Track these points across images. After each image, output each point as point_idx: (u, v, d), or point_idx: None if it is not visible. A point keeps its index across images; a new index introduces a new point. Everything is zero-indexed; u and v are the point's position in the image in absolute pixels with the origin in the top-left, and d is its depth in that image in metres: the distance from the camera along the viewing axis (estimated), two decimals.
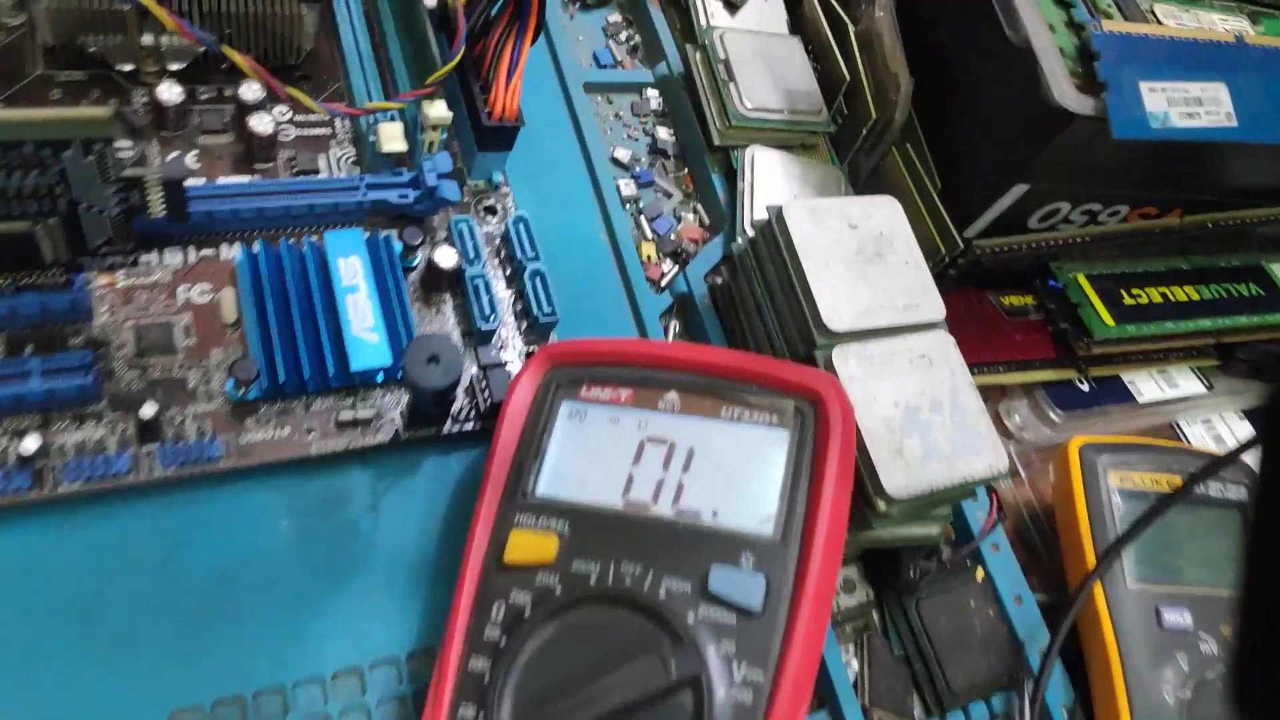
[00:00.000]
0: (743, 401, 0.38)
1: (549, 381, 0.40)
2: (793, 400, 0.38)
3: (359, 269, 0.41)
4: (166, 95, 0.42)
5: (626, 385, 0.40)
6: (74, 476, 0.36)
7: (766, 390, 0.38)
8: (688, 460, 0.37)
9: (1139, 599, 0.47)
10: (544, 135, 0.53)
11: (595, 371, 0.40)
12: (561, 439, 0.39)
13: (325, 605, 0.38)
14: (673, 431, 0.38)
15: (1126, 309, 0.56)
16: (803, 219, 0.44)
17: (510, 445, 0.39)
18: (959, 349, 0.43)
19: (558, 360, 0.41)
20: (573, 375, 0.40)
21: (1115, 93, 0.44)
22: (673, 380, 0.39)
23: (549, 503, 0.37)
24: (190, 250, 0.42)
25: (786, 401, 0.38)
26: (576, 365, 0.40)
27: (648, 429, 0.38)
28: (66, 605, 0.35)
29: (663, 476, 0.37)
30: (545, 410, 0.40)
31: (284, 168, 0.45)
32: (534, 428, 0.39)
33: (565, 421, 0.39)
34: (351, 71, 0.47)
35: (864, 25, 0.56)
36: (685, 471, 0.37)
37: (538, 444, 0.39)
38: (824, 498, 0.35)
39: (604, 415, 0.39)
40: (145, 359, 0.39)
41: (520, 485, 0.38)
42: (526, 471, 0.38)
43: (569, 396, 0.40)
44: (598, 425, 0.39)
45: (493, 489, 0.38)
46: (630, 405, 0.39)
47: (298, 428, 0.40)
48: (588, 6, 0.60)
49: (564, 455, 0.39)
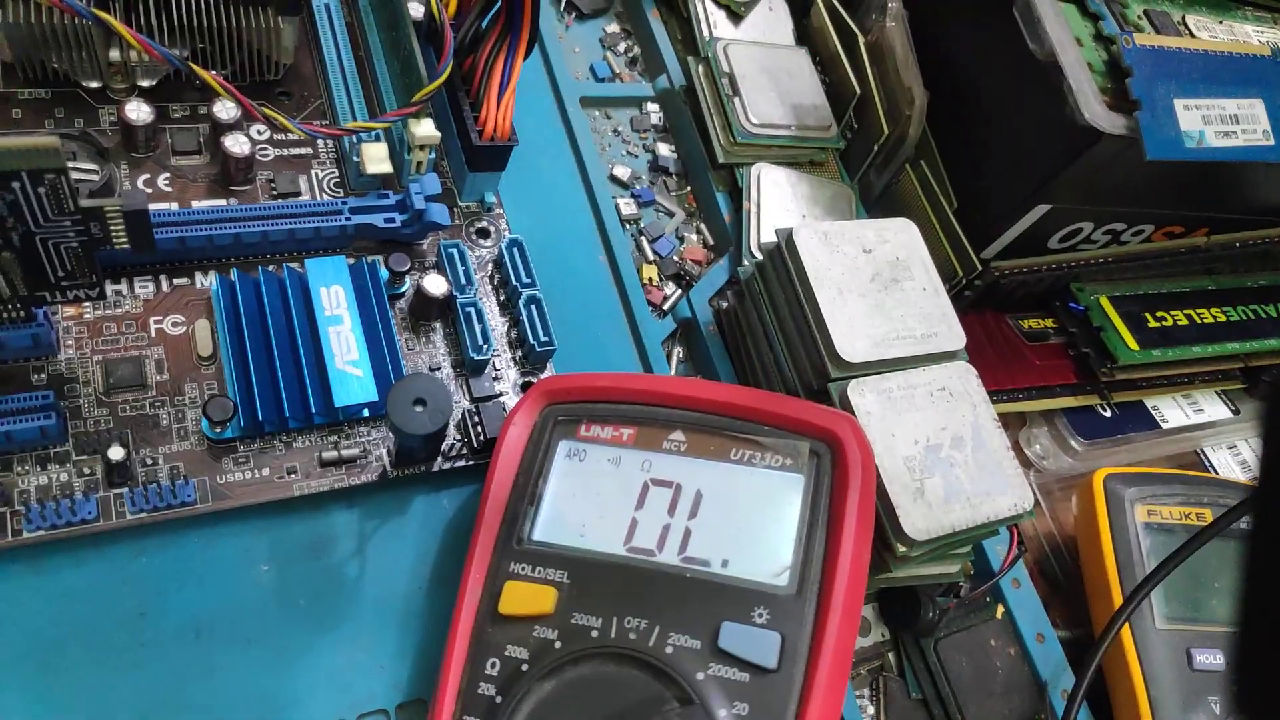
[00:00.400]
0: (754, 443, 0.36)
1: (545, 419, 0.38)
2: (808, 442, 0.35)
3: (342, 298, 0.39)
4: (135, 115, 0.40)
5: (629, 424, 0.37)
6: (38, 524, 0.34)
7: (780, 431, 0.36)
8: (695, 505, 0.35)
9: (1168, 639, 0.45)
10: (539, 152, 0.51)
11: (595, 409, 0.38)
12: (559, 481, 0.37)
13: (309, 656, 0.36)
14: (679, 474, 0.36)
15: (1151, 332, 0.53)
16: (814, 244, 0.41)
17: (504, 487, 0.37)
18: (980, 379, 0.41)
19: (555, 396, 0.38)
20: (571, 412, 0.38)
21: (1149, 111, 0.41)
22: (679, 419, 0.37)
23: (546, 550, 0.35)
24: (162, 280, 0.39)
25: (801, 443, 0.35)
26: (575, 402, 0.38)
27: (652, 471, 0.36)
28: (23, 658, 0.33)
29: (668, 522, 0.35)
30: (541, 450, 0.37)
31: (262, 190, 0.42)
32: (529, 469, 0.37)
33: (563, 462, 0.37)
34: (334, 87, 0.45)
35: (874, 36, 0.53)
36: (692, 518, 0.35)
37: (534, 487, 0.37)
38: (843, 548, 0.33)
39: (604, 456, 0.37)
40: (114, 396, 0.37)
41: (515, 531, 0.36)
42: (522, 516, 0.36)
43: (567, 435, 0.37)
44: (598, 466, 0.37)
45: (486, 534, 0.36)
46: (633, 446, 0.37)
47: (278, 468, 0.37)
48: (584, 16, 0.58)
49: (562, 499, 0.36)
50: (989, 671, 0.45)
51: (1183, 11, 0.48)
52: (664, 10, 0.58)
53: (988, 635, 0.46)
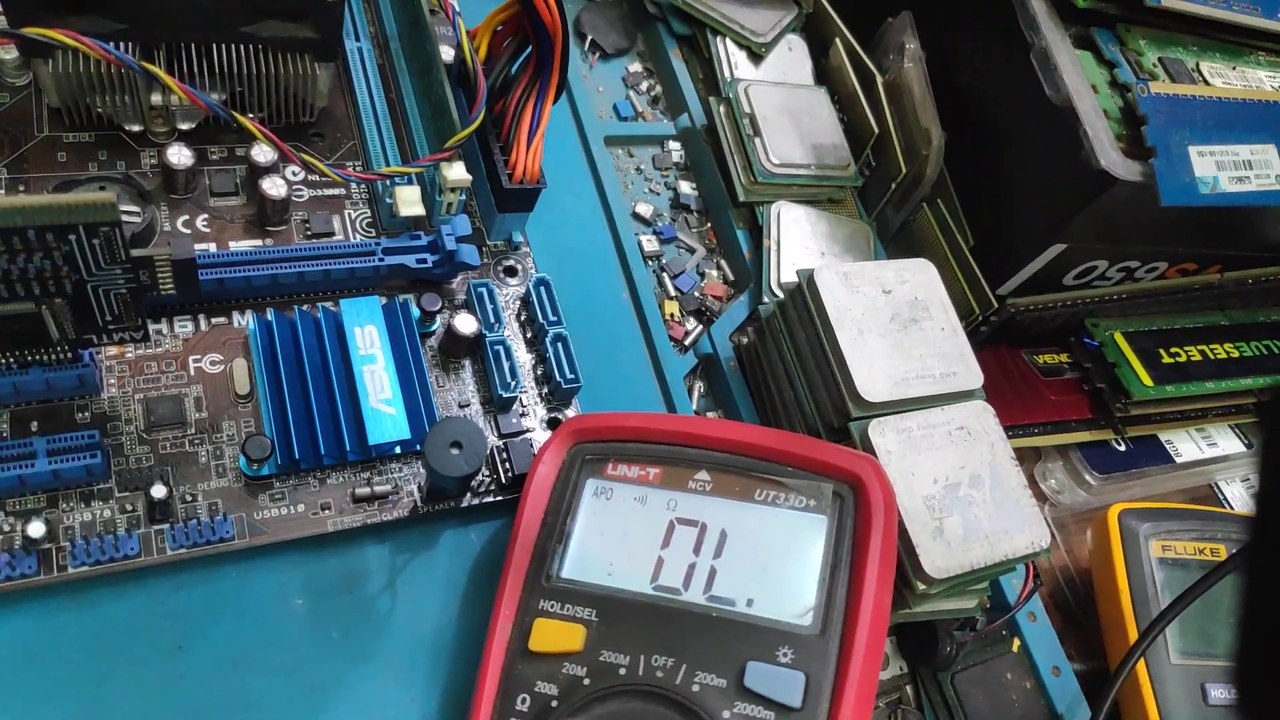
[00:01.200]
0: (778, 484, 0.37)
1: (573, 457, 0.39)
2: (831, 483, 0.36)
3: (376, 338, 0.40)
4: (176, 159, 0.41)
5: (655, 463, 0.38)
6: (82, 559, 0.35)
7: (803, 472, 0.37)
8: (720, 545, 0.36)
9: (1183, 675, 0.46)
10: (564, 190, 0.52)
11: (622, 448, 0.39)
12: (587, 519, 0.37)
13: (342, 688, 0.37)
14: (704, 513, 0.37)
15: (1165, 368, 0.54)
16: (835, 284, 0.42)
17: (533, 525, 0.38)
18: (997, 418, 0.42)
19: (582, 436, 0.39)
20: (598, 451, 0.39)
21: (1164, 158, 0.42)
22: (704, 459, 0.38)
23: (575, 588, 0.36)
24: (201, 319, 0.40)
25: (825, 485, 0.36)
26: (602, 441, 0.39)
27: (677, 510, 0.37)
28: (71, 690, 0.34)
29: (694, 561, 0.36)
30: (570, 488, 0.38)
31: (297, 231, 0.43)
32: (558, 507, 0.38)
33: (590, 500, 0.38)
34: (367, 129, 0.46)
35: (892, 76, 0.55)
36: (717, 557, 0.36)
37: (562, 525, 0.37)
38: (866, 589, 0.34)
39: (631, 494, 0.38)
40: (154, 433, 0.38)
41: (544, 568, 0.37)
42: (550, 554, 0.37)
43: (594, 474, 0.38)
44: (624, 505, 0.38)
45: (515, 571, 0.37)
46: (659, 485, 0.38)
47: (312, 503, 0.38)
48: (607, 56, 0.59)
49: (589, 537, 0.37)
50: (1005, 705, 0.45)
51: (1196, 59, 0.49)
52: (685, 50, 0.59)
53: (1004, 669, 0.46)
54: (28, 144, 0.41)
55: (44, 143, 0.41)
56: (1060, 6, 0.48)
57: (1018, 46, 0.48)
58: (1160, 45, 0.49)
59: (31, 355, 0.34)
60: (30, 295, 0.31)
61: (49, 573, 0.34)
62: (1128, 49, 0.48)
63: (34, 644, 0.34)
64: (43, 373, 0.35)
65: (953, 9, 0.54)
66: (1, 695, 0.33)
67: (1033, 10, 0.47)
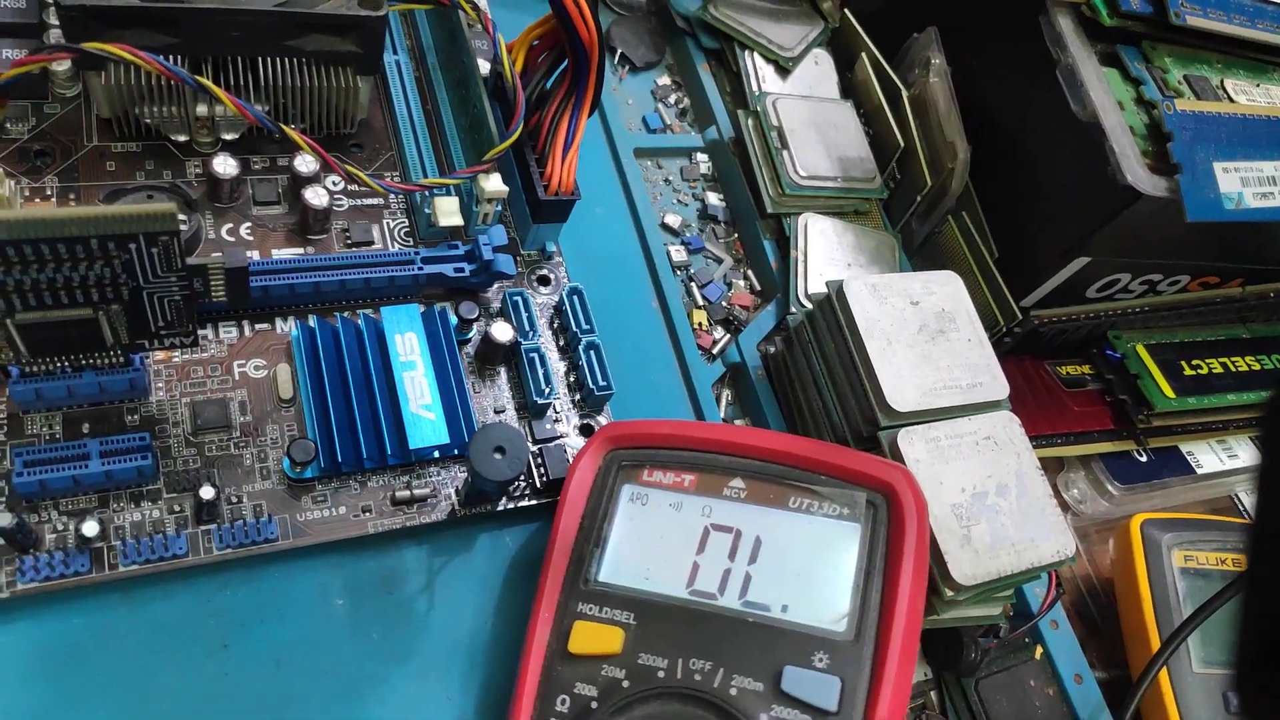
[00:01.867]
0: (812, 492, 0.38)
1: (609, 463, 0.40)
2: (864, 492, 0.37)
3: (416, 345, 0.41)
4: (222, 169, 0.42)
5: (690, 470, 0.39)
6: (132, 558, 0.35)
7: (837, 481, 0.38)
8: (754, 551, 0.37)
9: (1205, 683, 0.46)
10: (595, 201, 0.53)
11: (657, 455, 0.39)
12: (623, 524, 0.38)
13: (381, 688, 0.38)
14: (738, 520, 0.37)
15: (1187, 380, 0.55)
16: (864, 297, 0.43)
17: (571, 529, 0.38)
18: (1023, 428, 0.43)
19: (619, 442, 0.40)
20: (634, 458, 0.40)
21: (1189, 175, 0.43)
22: (738, 467, 0.39)
23: (613, 591, 0.37)
24: (245, 325, 0.41)
25: (858, 493, 0.37)
26: (638, 447, 0.40)
27: (712, 516, 0.38)
28: (121, 686, 0.35)
29: (729, 567, 0.37)
30: (606, 494, 0.39)
31: (337, 239, 0.44)
32: (595, 512, 0.39)
33: (626, 506, 0.39)
34: (404, 140, 0.47)
35: (918, 90, 0.55)
36: (752, 563, 0.36)
37: (599, 529, 0.38)
38: (900, 596, 0.34)
39: (666, 500, 0.38)
40: (201, 436, 0.39)
41: (582, 571, 0.37)
42: (588, 557, 0.38)
43: (630, 480, 0.39)
44: (660, 511, 0.38)
45: (554, 574, 0.37)
46: (694, 491, 0.38)
47: (354, 506, 0.39)
48: (636, 69, 0.60)
49: (626, 541, 0.38)
50: (1028, 711, 0.46)
51: (1221, 75, 0.50)
52: (713, 64, 0.60)
53: (1027, 675, 0.47)
54: (78, 153, 0.42)
55: (93, 152, 0.42)
56: (1086, 24, 0.49)
57: (1044, 63, 0.48)
58: (1185, 63, 0.50)
59: (86, 359, 0.35)
60: (89, 301, 0.32)
61: (100, 571, 0.35)
62: (1153, 66, 0.49)
63: (85, 641, 0.35)
64: (95, 376, 0.36)
65: (978, 25, 0.55)
66: (53, 690, 0.34)
67: (1059, 27, 0.48)
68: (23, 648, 0.35)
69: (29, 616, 0.35)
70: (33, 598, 0.35)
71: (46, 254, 0.30)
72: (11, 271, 0.30)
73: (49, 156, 0.42)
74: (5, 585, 0.34)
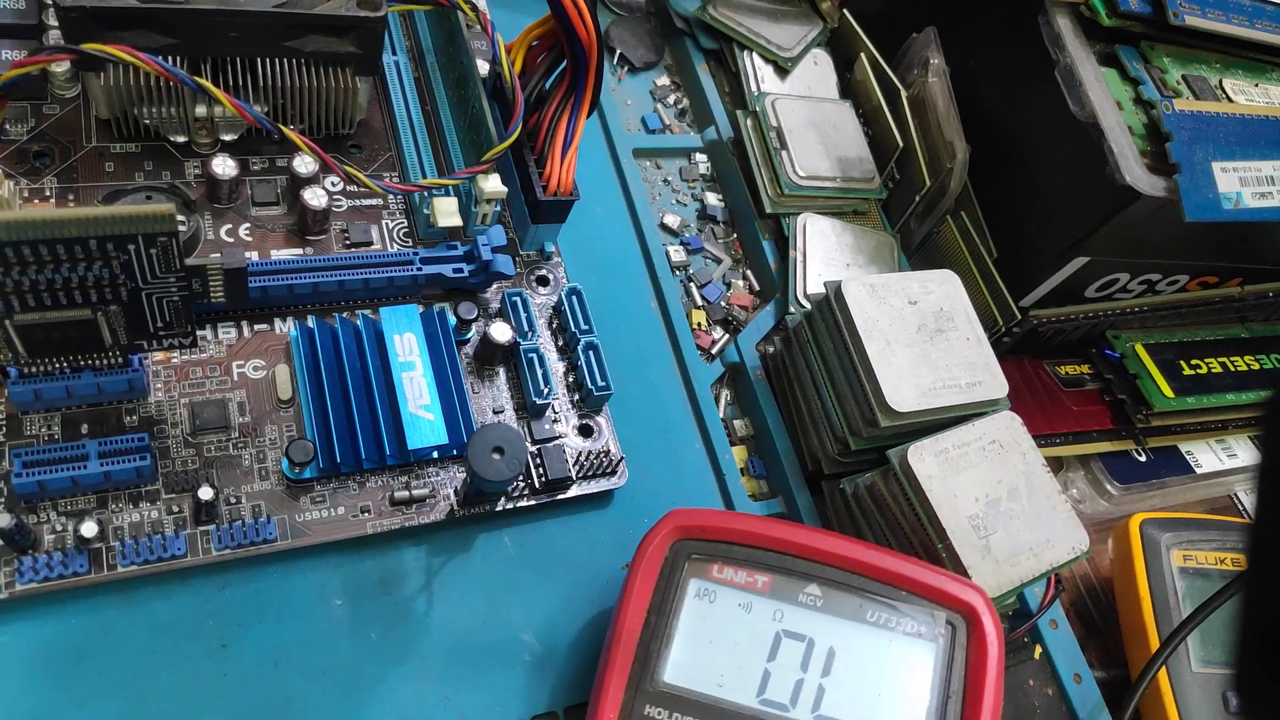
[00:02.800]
0: (890, 607, 0.37)
1: (675, 554, 0.37)
2: (944, 612, 0.37)
3: (415, 345, 0.41)
4: (221, 169, 0.42)
5: (764, 571, 0.37)
6: (131, 559, 0.36)
7: (916, 597, 0.37)
8: (828, 663, 0.36)
9: (1205, 683, 0.46)
10: (594, 201, 0.53)
11: (730, 550, 0.38)
12: (690, 622, 0.36)
13: (380, 687, 0.38)
14: (812, 629, 0.36)
15: (1186, 380, 0.55)
16: (863, 297, 0.43)
17: (637, 622, 0.36)
18: (1025, 426, 0.43)
19: (688, 532, 0.38)
20: (704, 550, 0.38)
21: (1188, 175, 0.43)
22: (814, 572, 0.37)
23: (682, 694, 0.35)
24: (244, 326, 0.41)
25: (938, 612, 0.37)
26: (708, 540, 0.38)
27: (784, 622, 0.36)
28: (120, 686, 0.35)
29: (801, 677, 0.35)
30: (671, 586, 0.37)
31: (336, 240, 0.44)
32: (660, 606, 0.37)
33: (693, 601, 0.37)
34: (403, 141, 0.47)
35: (917, 90, 0.55)
36: (825, 675, 0.35)
37: (666, 624, 0.36)
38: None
39: (736, 600, 0.37)
40: (200, 437, 0.39)
41: (647, 670, 0.35)
42: (653, 655, 0.36)
43: (698, 575, 0.37)
44: (729, 610, 0.37)
45: (618, 671, 0.35)
46: (766, 594, 0.37)
47: (352, 507, 0.39)
48: (635, 70, 0.60)
49: (693, 641, 0.36)
50: (1028, 711, 0.46)
51: (1219, 75, 0.50)
52: (712, 64, 0.60)
53: (1026, 675, 0.47)
54: (77, 154, 0.42)
55: (92, 153, 0.42)
56: (1085, 24, 0.49)
57: (1042, 63, 0.48)
58: (1184, 63, 0.50)
59: (84, 360, 0.35)
60: (88, 302, 0.32)
61: (99, 571, 0.35)
62: (1152, 66, 0.49)
63: (84, 641, 0.35)
64: (94, 377, 0.36)
65: (977, 25, 0.55)
66: (53, 690, 0.34)
67: (1057, 27, 0.48)
68: (22, 648, 0.35)
69: (28, 617, 0.35)
70: (31, 598, 0.35)
71: (45, 255, 0.30)
72: (10, 272, 0.30)
73: (48, 157, 0.42)
74: (4, 586, 0.34)
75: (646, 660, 0.35)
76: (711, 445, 0.48)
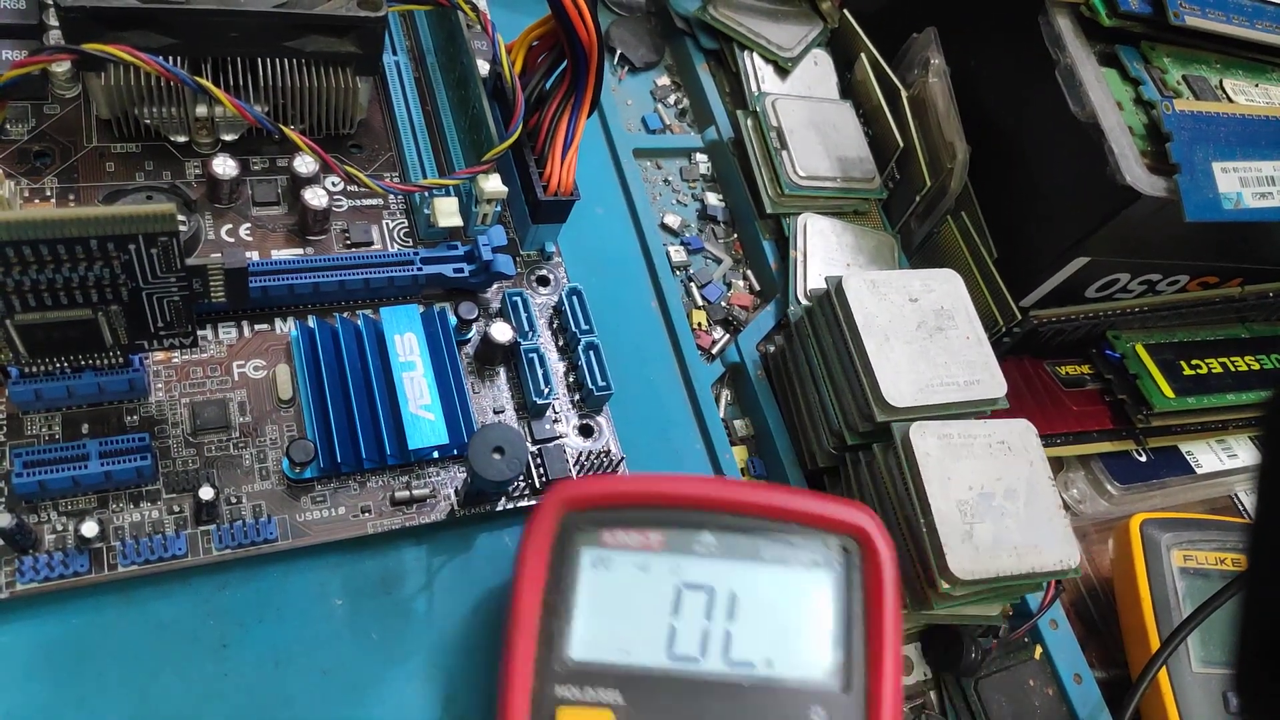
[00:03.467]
0: (784, 541, 0.36)
1: (565, 527, 0.36)
2: (837, 538, 0.36)
3: (415, 345, 0.41)
4: (221, 169, 0.42)
5: (654, 528, 0.36)
6: (132, 559, 0.36)
7: (808, 528, 0.36)
8: (730, 607, 0.35)
9: (1205, 683, 0.46)
10: (594, 201, 0.53)
11: (617, 514, 0.36)
12: (589, 593, 0.35)
13: (380, 687, 0.38)
14: (711, 577, 0.36)
15: (1186, 380, 0.55)
16: (863, 292, 0.43)
17: (533, 605, 0.35)
18: (1039, 439, 0.43)
19: (573, 504, 0.36)
20: (592, 519, 0.36)
21: (1188, 175, 0.43)
22: (705, 521, 0.36)
23: (591, 669, 0.34)
24: (245, 326, 0.41)
25: (831, 539, 0.36)
26: (595, 508, 0.37)
27: (683, 575, 0.36)
28: (121, 686, 0.35)
29: (707, 626, 0.35)
30: (565, 561, 0.36)
31: (336, 240, 0.44)
32: (557, 583, 0.35)
33: (590, 573, 0.36)
34: (404, 141, 0.47)
35: (917, 90, 0.55)
36: (730, 620, 0.35)
37: (565, 601, 0.35)
38: (886, 644, 0.34)
39: (631, 562, 0.36)
40: (200, 437, 0.39)
41: (553, 651, 0.34)
42: (557, 634, 0.35)
43: (590, 544, 0.36)
44: (626, 574, 0.36)
45: (521, 658, 0.34)
46: (661, 550, 0.36)
47: (353, 506, 0.39)
48: (636, 70, 0.60)
49: (595, 611, 0.35)
50: (1028, 711, 0.46)
51: (1220, 76, 0.50)
52: (712, 64, 0.61)
53: (1026, 675, 0.47)
54: (77, 154, 0.42)
55: (93, 153, 0.42)
56: (1085, 24, 0.49)
57: (1043, 63, 0.48)
58: (1184, 63, 0.50)
59: (85, 360, 0.35)
60: (88, 302, 0.32)
61: (100, 571, 0.35)
62: (1152, 66, 0.49)
63: (85, 641, 0.35)
64: (95, 377, 0.36)
65: (977, 26, 0.55)
66: (53, 690, 0.34)
67: (1058, 28, 0.48)
68: (22, 648, 0.35)
69: (28, 617, 0.35)
70: (32, 598, 0.35)
71: (46, 255, 0.30)
72: (11, 272, 0.30)
73: (49, 157, 0.42)
74: (5, 586, 0.34)
75: (550, 640, 0.34)
76: (711, 445, 0.48)
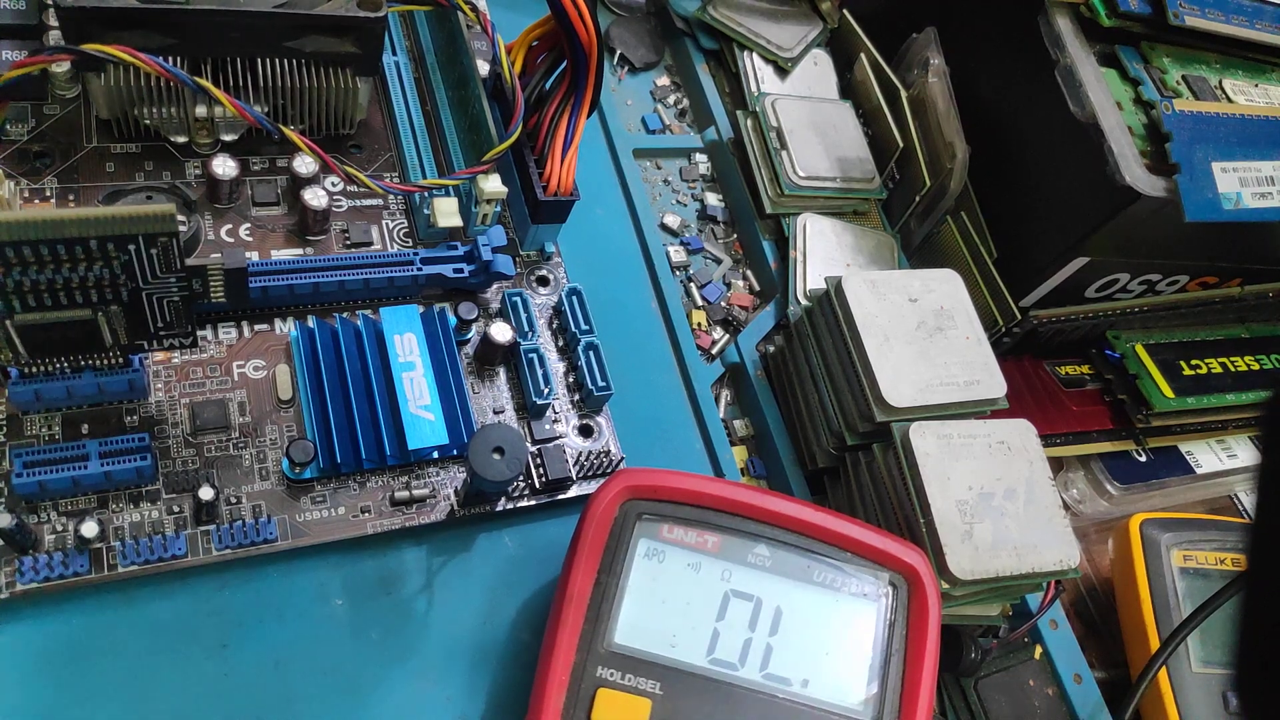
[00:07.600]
0: (836, 567, 0.37)
1: (626, 513, 0.37)
2: (887, 573, 0.37)
3: (415, 346, 0.41)
4: (221, 170, 0.42)
5: (713, 531, 0.37)
6: (131, 559, 0.36)
7: (861, 559, 0.37)
8: (775, 622, 0.36)
9: (1205, 683, 0.46)
10: (594, 201, 0.53)
11: (680, 510, 0.37)
12: (640, 582, 0.36)
13: (381, 687, 0.38)
14: (760, 589, 0.37)
15: (1186, 380, 0.55)
16: (863, 292, 0.43)
17: (587, 582, 0.36)
18: (1040, 440, 0.43)
19: (638, 492, 0.37)
20: (654, 510, 0.37)
21: (1188, 175, 0.43)
22: (762, 533, 0.37)
23: (633, 656, 0.35)
24: (244, 326, 0.41)
25: (881, 573, 0.37)
26: (658, 500, 0.37)
27: (732, 582, 0.37)
28: (121, 686, 0.35)
29: (750, 637, 0.36)
30: (620, 545, 0.37)
31: (336, 240, 0.44)
32: (610, 565, 0.36)
33: (643, 561, 0.37)
34: (404, 141, 0.47)
35: (917, 91, 0.55)
36: (773, 634, 0.36)
37: (616, 584, 0.36)
38: (923, 682, 0.35)
39: (685, 560, 0.37)
40: (200, 437, 0.39)
41: (598, 629, 0.35)
42: (604, 615, 0.35)
43: (648, 534, 0.37)
44: (677, 570, 0.37)
45: (568, 631, 0.35)
46: (715, 554, 0.37)
47: (353, 507, 0.39)
48: (635, 70, 0.60)
49: (644, 601, 0.36)
50: (1028, 711, 0.46)
51: (1219, 76, 0.50)
52: (712, 65, 0.61)
53: (1026, 675, 0.47)
54: (77, 155, 0.42)
55: (93, 154, 0.42)
56: (1085, 24, 0.49)
57: (1042, 63, 0.48)
58: (1184, 63, 0.50)
59: (85, 360, 0.35)
60: (88, 302, 0.32)
61: (100, 571, 0.35)
62: (1152, 66, 0.49)
63: (85, 641, 0.35)
64: (95, 377, 0.36)
65: (977, 26, 0.55)
66: (53, 691, 0.34)
67: (1057, 28, 0.48)
68: (22, 648, 0.35)
69: (28, 617, 0.35)
70: (32, 598, 0.35)
71: (46, 255, 0.30)
72: (11, 272, 0.30)
73: (48, 158, 0.42)
74: (5, 586, 0.34)
75: (597, 621, 0.35)
76: (711, 445, 0.48)
